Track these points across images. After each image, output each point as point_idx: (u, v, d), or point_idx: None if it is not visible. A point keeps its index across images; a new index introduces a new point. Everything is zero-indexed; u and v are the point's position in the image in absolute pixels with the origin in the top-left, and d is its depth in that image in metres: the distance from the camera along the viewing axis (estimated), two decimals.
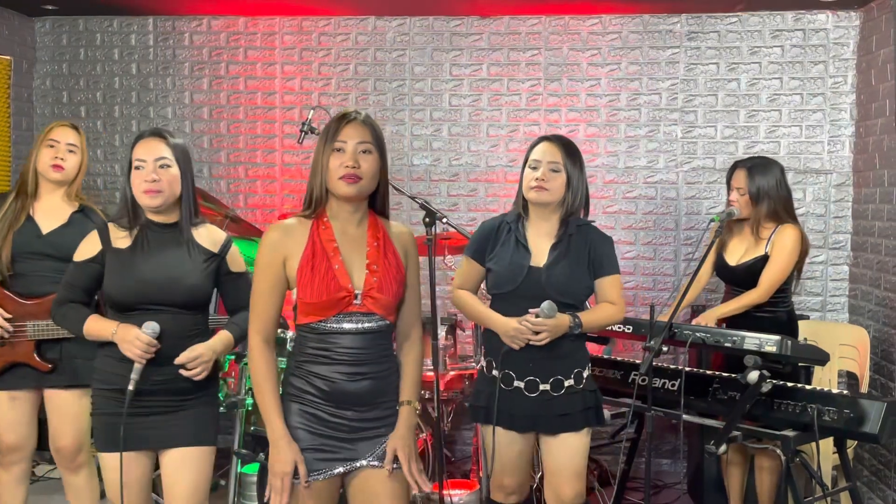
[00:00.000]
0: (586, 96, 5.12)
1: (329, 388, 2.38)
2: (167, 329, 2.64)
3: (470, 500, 4.01)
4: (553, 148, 3.02)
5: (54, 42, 5.46)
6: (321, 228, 2.42)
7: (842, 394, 3.27)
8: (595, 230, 3.08)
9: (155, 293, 2.66)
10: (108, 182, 5.44)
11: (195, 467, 2.71)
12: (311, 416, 2.39)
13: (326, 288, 2.36)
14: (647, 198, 5.11)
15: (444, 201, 5.21)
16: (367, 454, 2.42)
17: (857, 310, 4.79)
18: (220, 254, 2.78)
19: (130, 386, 2.59)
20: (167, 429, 2.69)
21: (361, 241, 2.44)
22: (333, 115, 2.46)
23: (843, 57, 4.90)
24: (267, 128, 5.34)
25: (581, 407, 3.00)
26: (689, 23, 5.04)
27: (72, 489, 3.47)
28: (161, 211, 2.73)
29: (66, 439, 3.37)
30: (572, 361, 3.01)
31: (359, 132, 2.39)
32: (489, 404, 3.01)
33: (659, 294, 5.05)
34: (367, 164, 2.38)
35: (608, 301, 3.03)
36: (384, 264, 2.43)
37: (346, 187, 2.36)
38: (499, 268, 3.03)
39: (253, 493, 3.88)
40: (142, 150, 2.71)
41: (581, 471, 3.03)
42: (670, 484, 4.86)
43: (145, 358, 2.61)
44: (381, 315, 2.41)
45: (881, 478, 4.32)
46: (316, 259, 2.38)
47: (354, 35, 5.26)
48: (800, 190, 4.95)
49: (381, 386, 2.43)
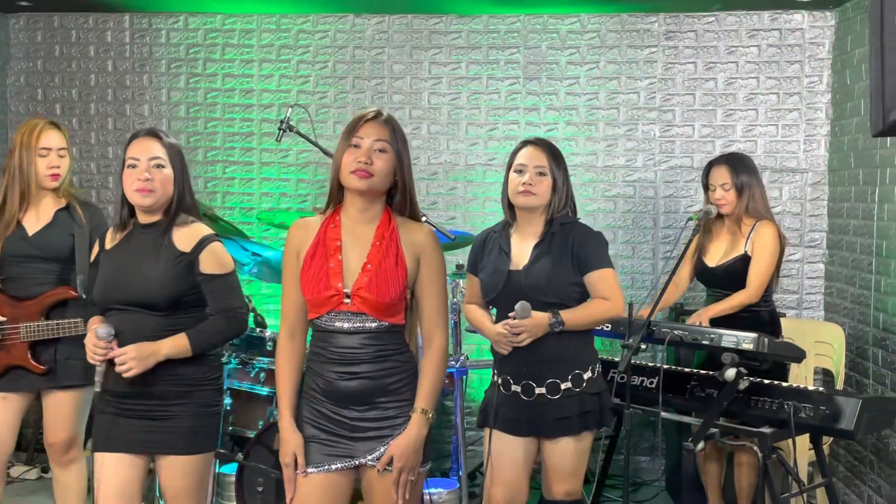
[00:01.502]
0: (565, 95, 5.13)
1: (325, 386, 2.42)
2: (131, 330, 2.62)
3: (449, 498, 4.01)
4: (538, 152, 3.02)
5: (29, 39, 5.40)
6: (331, 225, 2.46)
7: (818, 391, 3.30)
8: (581, 227, 3.04)
9: (117, 294, 2.66)
10: (84, 181, 5.38)
11: (188, 474, 2.69)
12: (317, 411, 2.44)
13: (317, 285, 2.39)
14: (625, 196, 5.13)
15: (423, 199, 5.19)
16: (367, 454, 2.42)
17: (833, 307, 4.83)
18: (192, 253, 2.69)
19: (96, 388, 2.64)
20: (159, 434, 2.66)
21: (367, 239, 2.44)
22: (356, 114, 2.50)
23: (819, 56, 4.94)
24: (244, 126, 5.31)
25: (579, 410, 2.95)
26: (666, 22, 5.06)
27: (60, 485, 3.45)
28: (150, 211, 2.71)
29: (59, 435, 3.37)
30: (569, 364, 2.96)
31: (376, 130, 2.42)
32: (488, 408, 3.06)
33: (637, 292, 5.08)
34: (380, 162, 2.39)
35: (600, 297, 2.96)
36: (383, 265, 2.41)
37: (356, 181, 2.38)
38: (484, 276, 3.06)
39: (231, 493, 3.86)
40: (136, 149, 2.69)
41: (575, 470, 3.00)
42: (649, 481, 4.89)
43: (96, 359, 2.61)
44: (373, 316, 2.40)
45: (856, 474, 4.37)
46: (317, 256, 2.42)
47: (333, 33, 5.24)
48: (776, 189, 4.99)
49: (376, 386, 2.41)
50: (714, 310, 3.77)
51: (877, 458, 4.12)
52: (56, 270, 3.37)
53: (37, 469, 4.73)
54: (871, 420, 3.23)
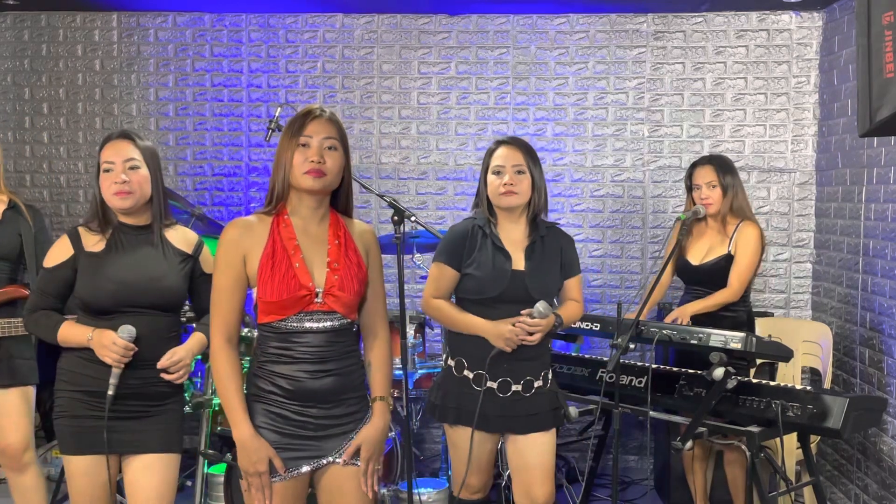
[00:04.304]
0: (554, 95, 5.14)
1: (293, 387, 2.36)
2: (145, 331, 2.62)
3: (438, 498, 4.01)
4: (514, 151, 3.02)
5: (16, 38, 5.37)
6: (282, 226, 2.39)
7: (805, 390, 3.32)
8: (562, 232, 3.15)
9: (133, 295, 2.62)
10: (72, 180, 5.36)
11: (160, 474, 2.67)
12: (276, 415, 2.37)
13: (287, 286, 2.33)
14: (614, 196, 5.14)
15: (412, 199, 5.20)
16: (334, 451, 2.41)
17: (820, 307, 4.86)
18: (194, 255, 2.77)
19: (110, 391, 2.55)
20: (135, 434, 2.65)
21: (322, 238, 2.43)
22: (298, 111, 2.45)
23: (807, 57, 4.97)
24: (233, 125, 5.30)
25: (548, 407, 3.05)
26: (655, 22, 5.07)
27: (18, 490, 3.38)
28: (132, 213, 2.70)
29: (10, 437, 3.30)
30: (542, 363, 3.07)
31: (324, 128, 2.40)
32: (460, 405, 3.02)
33: (626, 292, 5.09)
34: (332, 161, 2.38)
35: (572, 299, 3.12)
36: (345, 262, 2.41)
37: (311, 181, 2.36)
38: (481, 273, 3.00)
39: (220, 493, 3.84)
40: (110, 153, 2.67)
41: (551, 470, 3.06)
42: (637, 480, 4.90)
43: (123, 362, 2.57)
44: (342, 313, 2.40)
45: (843, 472, 4.39)
46: (276, 257, 2.35)
47: (322, 32, 5.23)
48: (764, 188, 5.01)
49: (344, 382, 2.42)
50: (695, 307, 3.79)
51: (864, 456, 4.15)
52: (6, 269, 3.34)
53: None
54: (857, 419, 3.24)
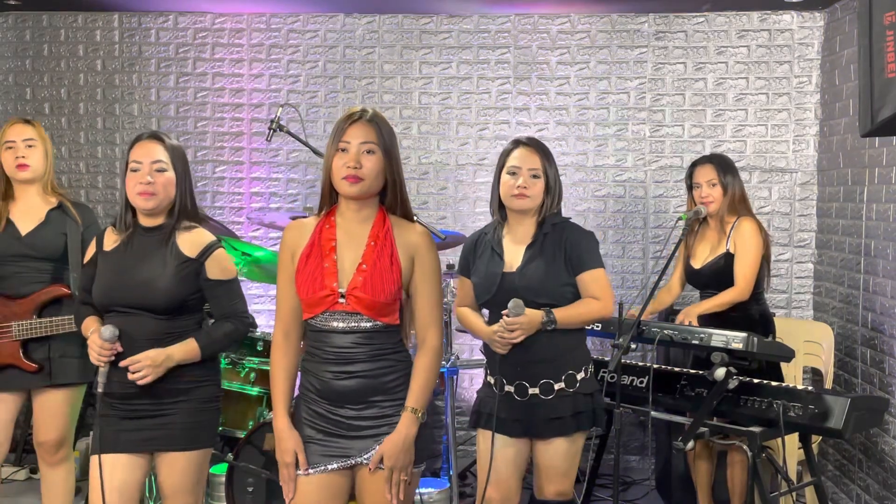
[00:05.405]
0: (555, 95, 5.14)
1: (321, 386, 2.43)
2: (135, 332, 2.63)
3: (440, 498, 4.01)
4: (531, 153, 3.00)
5: (17, 38, 5.38)
6: (326, 227, 2.47)
7: (806, 390, 3.31)
8: (572, 227, 3.05)
9: (121, 296, 2.66)
10: (73, 180, 5.36)
11: (184, 470, 2.71)
12: (314, 412, 2.45)
13: (312, 285, 2.40)
14: (615, 196, 5.14)
15: (413, 199, 5.16)
16: (362, 452, 2.42)
17: (822, 307, 4.85)
18: (199, 259, 2.72)
19: (98, 389, 2.62)
20: (157, 431, 2.68)
21: (361, 239, 2.45)
22: (342, 114, 2.47)
23: (808, 57, 4.96)
24: (234, 125, 5.30)
25: (572, 411, 2.96)
26: (656, 22, 5.07)
27: (47, 484, 3.44)
28: (153, 214, 2.72)
29: (50, 434, 3.36)
30: (562, 364, 2.97)
31: (363, 132, 2.41)
32: (481, 409, 3.04)
33: (627, 292, 5.09)
34: (369, 164, 2.40)
35: (591, 296, 2.98)
36: (378, 264, 2.42)
37: (348, 187, 2.40)
38: (477, 279, 3.05)
39: (221, 493, 3.85)
40: (138, 153, 2.70)
41: (567, 471, 3.00)
42: (639, 480, 4.90)
43: (101, 361, 2.61)
44: (368, 315, 2.40)
45: (845, 472, 4.39)
46: (312, 256, 2.43)
47: (323, 32, 5.23)
48: (765, 188, 5.00)
49: (372, 385, 2.42)
50: (701, 307, 3.78)
51: (865, 456, 4.14)
52: (49, 269, 3.37)
53: (25, 470, 4.71)
54: (859, 419, 3.24)
